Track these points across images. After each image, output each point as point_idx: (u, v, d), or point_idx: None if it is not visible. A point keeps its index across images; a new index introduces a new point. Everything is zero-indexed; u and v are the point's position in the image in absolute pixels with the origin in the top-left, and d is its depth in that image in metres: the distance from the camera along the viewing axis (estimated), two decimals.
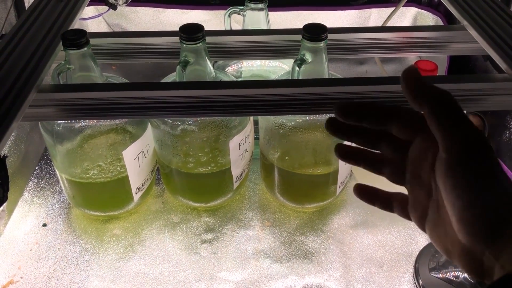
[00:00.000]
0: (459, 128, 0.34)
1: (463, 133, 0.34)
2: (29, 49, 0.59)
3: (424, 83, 0.36)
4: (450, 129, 0.34)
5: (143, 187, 0.74)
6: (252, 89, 0.55)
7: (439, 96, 0.35)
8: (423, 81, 0.37)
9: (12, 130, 0.46)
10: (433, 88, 0.36)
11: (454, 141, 0.34)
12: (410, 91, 0.37)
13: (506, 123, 0.82)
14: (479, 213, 0.31)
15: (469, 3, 0.68)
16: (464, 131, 0.34)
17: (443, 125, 0.35)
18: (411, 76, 0.37)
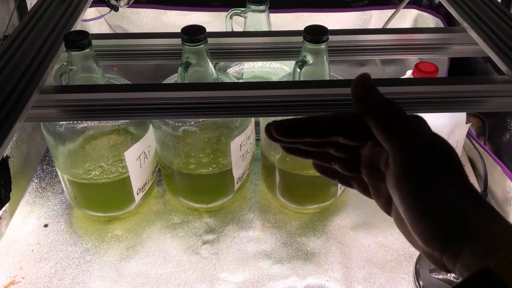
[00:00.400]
0: (401, 139, 0.34)
1: (405, 144, 0.33)
2: (31, 51, 0.59)
3: (370, 94, 0.36)
4: (393, 141, 0.34)
5: (145, 188, 0.75)
6: (254, 91, 0.56)
7: (379, 107, 0.35)
8: (370, 91, 0.36)
9: (15, 131, 0.47)
10: (375, 99, 0.36)
11: (397, 153, 0.33)
12: (355, 102, 0.37)
13: (507, 124, 0.82)
14: (429, 225, 0.31)
15: (469, 5, 0.69)
16: (407, 141, 0.33)
17: (385, 137, 0.34)
18: (359, 86, 0.37)
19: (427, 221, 0.31)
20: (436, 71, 0.69)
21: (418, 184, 0.32)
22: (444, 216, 0.31)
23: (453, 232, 0.30)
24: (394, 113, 0.35)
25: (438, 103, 0.56)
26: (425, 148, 0.33)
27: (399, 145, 0.34)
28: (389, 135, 0.34)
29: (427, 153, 0.33)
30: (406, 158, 0.33)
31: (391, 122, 0.35)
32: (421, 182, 0.32)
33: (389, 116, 0.35)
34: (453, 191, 0.31)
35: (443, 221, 0.31)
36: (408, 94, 0.56)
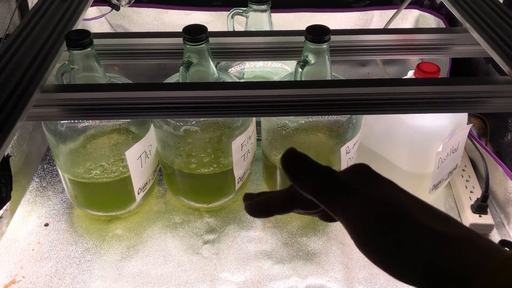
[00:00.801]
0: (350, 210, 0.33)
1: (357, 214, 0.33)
2: (32, 49, 0.59)
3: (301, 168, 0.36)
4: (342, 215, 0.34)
5: (145, 187, 0.75)
6: (255, 90, 0.56)
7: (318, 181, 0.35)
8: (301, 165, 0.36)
9: (16, 130, 0.47)
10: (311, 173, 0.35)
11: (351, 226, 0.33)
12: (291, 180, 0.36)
13: (508, 125, 0.82)
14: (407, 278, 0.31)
15: (471, 5, 0.68)
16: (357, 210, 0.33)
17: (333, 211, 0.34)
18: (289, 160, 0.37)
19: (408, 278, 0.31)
20: (438, 71, 0.69)
21: (383, 249, 0.32)
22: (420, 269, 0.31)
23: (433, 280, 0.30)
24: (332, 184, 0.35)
25: (439, 103, 0.56)
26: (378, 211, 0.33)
27: (350, 217, 0.34)
28: (335, 209, 0.34)
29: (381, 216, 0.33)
30: (362, 227, 0.33)
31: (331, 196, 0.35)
32: (385, 246, 0.32)
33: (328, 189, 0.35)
34: (422, 243, 0.31)
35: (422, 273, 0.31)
36: (410, 95, 0.56)
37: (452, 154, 0.73)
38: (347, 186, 0.34)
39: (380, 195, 0.34)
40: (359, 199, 0.34)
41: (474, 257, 0.30)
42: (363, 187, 0.34)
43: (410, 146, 0.72)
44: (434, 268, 0.30)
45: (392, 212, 0.33)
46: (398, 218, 0.32)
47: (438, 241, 0.31)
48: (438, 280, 0.30)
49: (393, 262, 0.32)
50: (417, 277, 0.31)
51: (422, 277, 0.31)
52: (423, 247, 0.31)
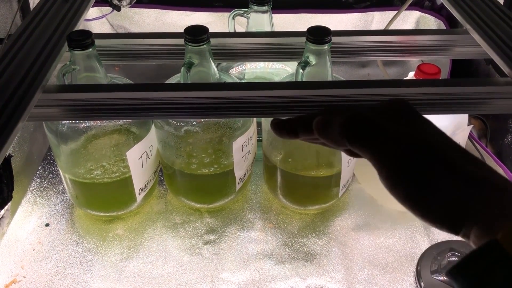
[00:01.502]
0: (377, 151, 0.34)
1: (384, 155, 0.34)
2: (34, 50, 0.59)
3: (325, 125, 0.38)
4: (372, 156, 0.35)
5: (146, 187, 0.75)
6: (256, 91, 0.56)
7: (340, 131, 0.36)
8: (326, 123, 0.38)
9: (18, 130, 0.47)
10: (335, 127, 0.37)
11: (380, 166, 0.34)
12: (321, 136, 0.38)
13: (508, 126, 0.82)
14: (434, 219, 0.32)
15: (471, 6, 0.69)
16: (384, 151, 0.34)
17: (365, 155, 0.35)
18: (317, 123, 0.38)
19: (432, 217, 0.32)
20: (438, 72, 0.69)
21: (411, 188, 0.33)
22: (445, 207, 0.32)
23: (458, 220, 0.31)
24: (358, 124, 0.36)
25: (440, 104, 0.56)
26: (404, 151, 0.34)
27: (378, 157, 0.34)
28: (364, 151, 0.35)
29: (408, 155, 0.33)
30: (389, 167, 0.34)
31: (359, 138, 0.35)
32: (413, 185, 0.33)
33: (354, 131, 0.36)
34: (447, 182, 0.32)
35: (445, 212, 0.32)
36: (410, 96, 0.56)
37: None
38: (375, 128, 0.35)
39: (413, 133, 0.34)
40: (391, 136, 0.34)
41: (502, 204, 0.30)
42: (396, 124, 0.35)
43: None
44: (461, 207, 0.31)
45: (424, 149, 0.33)
46: (429, 155, 0.33)
47: (467, 183, 0.32)
48: (463, 219, 0.31)
49: (420, 198, 0.32)
50: (441, 215, 0.31)
51: (447, 215, 0.31)
52: (451, 185, 0.32)
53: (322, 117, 0.39)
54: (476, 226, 0.30)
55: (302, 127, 0.41)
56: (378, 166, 0.34)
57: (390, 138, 0.34)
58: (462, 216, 0.31)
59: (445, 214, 0.32)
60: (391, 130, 0.35)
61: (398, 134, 0.34)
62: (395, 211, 0.78)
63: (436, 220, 0.32)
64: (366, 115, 0.36)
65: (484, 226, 0.30)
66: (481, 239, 0.30)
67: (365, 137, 0.35)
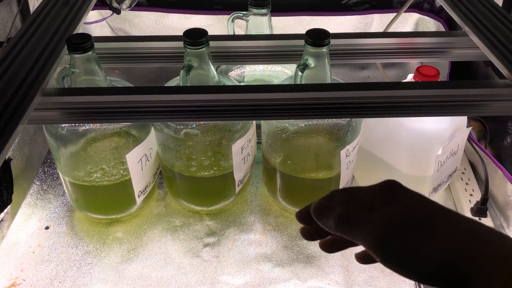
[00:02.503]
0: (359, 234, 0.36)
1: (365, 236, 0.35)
2: (34, 53, 0.59)
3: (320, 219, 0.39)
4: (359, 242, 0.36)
5: (146, 190, 0.75)
6: (255, 94, 0.56)
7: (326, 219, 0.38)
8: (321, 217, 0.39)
9: (17, 133, 0.47)
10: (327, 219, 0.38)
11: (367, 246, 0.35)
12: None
13: (508, 128, 0.82)
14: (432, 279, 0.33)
15: (470, 9, 0.69)
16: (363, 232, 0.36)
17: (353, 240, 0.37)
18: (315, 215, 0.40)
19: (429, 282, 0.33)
20: (437, 75, 0.69)
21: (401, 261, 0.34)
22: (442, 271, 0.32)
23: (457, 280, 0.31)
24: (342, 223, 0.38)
25: (439, 107, 0.56)
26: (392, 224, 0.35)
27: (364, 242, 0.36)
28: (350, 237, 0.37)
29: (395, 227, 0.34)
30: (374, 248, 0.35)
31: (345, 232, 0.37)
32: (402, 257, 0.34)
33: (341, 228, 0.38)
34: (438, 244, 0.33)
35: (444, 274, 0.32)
36: (409, 98, 0.56)
37: (451, 157, 0.73)
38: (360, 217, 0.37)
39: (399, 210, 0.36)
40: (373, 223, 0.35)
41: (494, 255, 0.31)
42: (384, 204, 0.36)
43: (409, 149, 0.73)
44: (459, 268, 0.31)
45: (409, 221, 0.34)
46: (415, 225, 0.34)
47: (461, 243, 0.32)
48: (462, 280, 0.31)
49: (413, 263, 0.33)
50: (436, 276, 0.32)
51: (444, 278, 0.32)
52: (445, 250, 0.32)
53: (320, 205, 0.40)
54: (475, 283, 0.31)
55: None
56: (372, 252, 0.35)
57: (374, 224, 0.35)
58: (461, 277, 0.31)
59: (445, 279, 0.32)
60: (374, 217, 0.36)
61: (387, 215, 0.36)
62: None
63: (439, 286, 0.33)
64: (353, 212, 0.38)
65: (483, 281, 0.30)
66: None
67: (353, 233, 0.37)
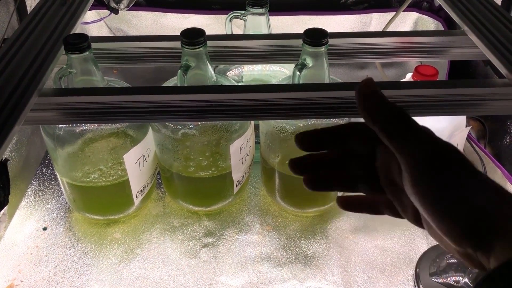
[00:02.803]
0: (410, 144, 0.33)
1: (414, 148, 0.33)
2: (31, 53, 0.59)
3: (374, 101, 0.36)
4: (401, 147, 0.34)
5: (144, 191, 0.74)
6: (253, 94, 0.55)
7: (387, 113, 0.35)
8: (374, 98, 0.36)
9: (14, 133, 0.46)
10: (382, 106, 0.35)
11: (408, 159, 0.33)
12: (360, 109, 0.36)
13: (507, 128, 0.82)
14: (455, 226, 0.31)
15: (469, 8, 0.68)
16: (416, 145, 0.33)
17: (394, 143, 0.34)
18: (365, 91, 0.36)
19: (452, 222, 0.31)
20: (436, 74, 0.69)
21: (435, 187, 0.32)
22: (467, 215, 0.31)
23: (480, 230, 0.30)
24: (399, 119, 0.35)
25: (438, 106, 0.56)
26: (435, 150, 0.33)
27: (409, 150, 0.33)
28: (397, 142, 0.34)
29: (438, 154, 0.33)
30: (418, 161, 0.33)
31: (397, 129, 0.35)
32: (437, 184, 0.32)
33: (395, 122, 0.35)
34: (472, 188, 0.31)
35: (468, 220, 0.31)
36: (408, 97, 0.56)
37: None
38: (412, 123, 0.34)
39: (441, 140, 0.34)
40: (421, 137, 0.34)
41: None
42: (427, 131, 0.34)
43: None
44: (487, 218, 0.30)
45: (451, 155, 0.33)
46: (456, 161, 0.32)
47: (494, 194, 0.31)
48: (488, 232, 0.30)
49: (441, 206, 0.31)
50: (461, 228, 0.30)
51: (471, 226, 0.30)
52: (479, 193, 0.31)
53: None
54: (502, 240, 0.29)
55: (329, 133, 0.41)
56: (411, 168, 0.33)
57: (425, 137, 0.34)
58: (484, 228, 0.30)
59: (468, 223, 0.30)
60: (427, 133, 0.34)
61: (432, 137, 0.34)
62: None
63: (457, 230, 0.31)
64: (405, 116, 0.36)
65: (508, 242, 0.29)
66: (507, 254, 0.29)
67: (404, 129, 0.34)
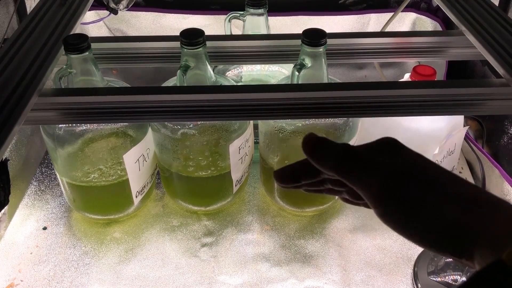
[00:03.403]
0: (360, 180, 0.34)
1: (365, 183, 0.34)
2: (31, 54, 0.59)
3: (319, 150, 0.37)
4: (355, 183, 0.34)
5: (143, 190, 0.75)
6: (252, 94, 0.56)
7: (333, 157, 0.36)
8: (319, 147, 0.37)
9: (14, 133, 0.47)
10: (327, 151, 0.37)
11: (365, 193, 0.34)
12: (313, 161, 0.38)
13: (504, 127, 0.83)
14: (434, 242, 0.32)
15: (467, 9, 0.69)
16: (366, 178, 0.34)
17: (348, 181, 0.35)
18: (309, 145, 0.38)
19: (428, 239, 0.32)
20: (434, 74, 0.70)
21: (397, 211, 0.32)
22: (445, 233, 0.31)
23: (457, 241, 0.31)
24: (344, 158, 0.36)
25: (436, 106, 0.56)
26: (386, 175, 0.33)
27: (361, 185, 0.34)
28: (349, 180, 0.35)
29: (389, 179, 0.33)
30: (373, 194, 0.33)
31: (345, 168, 0.36)
32: (398, 208, 0.32)
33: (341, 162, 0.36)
34: (443, 206, 0.32)
35: (447, 237, 0.31)
36: (406, 97, 0.56)
37: (448, 156, 0.73)
38: (366, 159, 0.35)
39: (404, 163, 0.34)
40: (379, 167, 0.34)
41: (502, 222, 0.30)
42: (387, 157, 0.35)
43: None
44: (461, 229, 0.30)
45: (416, 177, 0.33)
46: (422, 182, 0.33)
47: (463, 204, 0.31)
48: (464, 241, 0.30)
49: (417, 225, 0.32)
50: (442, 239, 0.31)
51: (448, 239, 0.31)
52: (448, 209, 0.31)
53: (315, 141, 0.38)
54: (479, 247, 0.30)
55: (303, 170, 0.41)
56: (372, 199, 0.34)
57: (381, 170, 0.34)
58: (464, 239, 0.30)
59: (446, 239, 0.31)
60: (382, 163, 0.35)
61: (389, 165, 0.34)
62: None
63: (438, 246, 0.31)
64: (357, 150, 0.36)
65: (488, 246, 0.29)
66: (486, 259, 0.29)
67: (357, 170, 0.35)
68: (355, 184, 0.35)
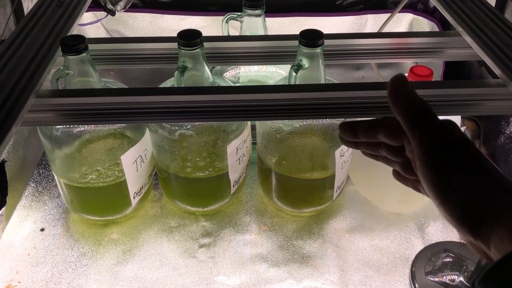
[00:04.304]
0: (427, 134, 0.36)
1: (430, 137, 0.36)
2: (28, 55, 0.59)
3: (402, 94, 0.38)
4: (414, 135, 0.36)
5: (141, 191, 0.75)
6: (250, 94, 0.56)
7: (412, 105, 0.38)
8: (402, 91, 0.38)
9: (11, 135, 0.47)
10: (408, 99, 0.38)
11: (419, 146, 0.36)
12: (389, 102, 0.39)
13: (501, 127, 0.83)
14: (454, 211, 0.33)
15: (464, 9, 0.69)
16: (428, 134, 0.36)
17: (409, 132, 0.37)
18: (395, 86, 0.39)
19: (451, 207, 0.33)
20: (431, 74, 0.70)
21: (437, 172, 0.34)
22: (467, 203, 0.32)
23: (476, 217, 0.32)
24: (419, 111, 0.37)
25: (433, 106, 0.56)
26: (443, 141, 0.35)
27: (419, 138, 0.36)
28: (411, 130, 0.37)
29: (444, 144, 0.35)
30: (427, 149, 0.35)
31: (413, 119, 0.37)
32: (439, 170, 0.34)
33: (413, 113, 0.37)
34: (474, 178, 0.33)
35: (465, 206, 0.32)
36: None
37: None
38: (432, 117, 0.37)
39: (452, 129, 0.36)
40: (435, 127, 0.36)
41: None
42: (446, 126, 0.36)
43: None
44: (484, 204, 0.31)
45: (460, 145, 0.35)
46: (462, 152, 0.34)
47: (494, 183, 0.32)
48: (484, 218, 0.31)
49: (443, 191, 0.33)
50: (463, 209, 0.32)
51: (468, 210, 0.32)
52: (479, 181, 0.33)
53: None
54: (499, 228, 0.30)
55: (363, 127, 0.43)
56: (416, 149, 0.36)
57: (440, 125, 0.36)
58: (484, 215, 0.31)
59: (467, 209, 0.32)
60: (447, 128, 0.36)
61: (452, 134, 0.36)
62: (390, 213, 0.79)
63: (456, 216, 0.32)
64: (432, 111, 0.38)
65: (505, 232, 0.30)
66: (504, 241, 0.30)
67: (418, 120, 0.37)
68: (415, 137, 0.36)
